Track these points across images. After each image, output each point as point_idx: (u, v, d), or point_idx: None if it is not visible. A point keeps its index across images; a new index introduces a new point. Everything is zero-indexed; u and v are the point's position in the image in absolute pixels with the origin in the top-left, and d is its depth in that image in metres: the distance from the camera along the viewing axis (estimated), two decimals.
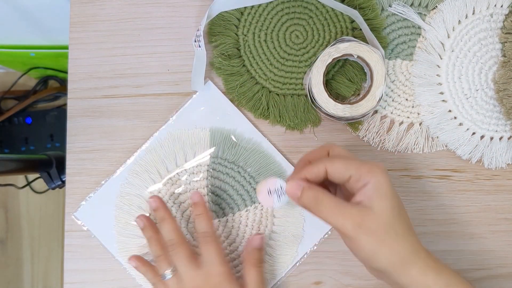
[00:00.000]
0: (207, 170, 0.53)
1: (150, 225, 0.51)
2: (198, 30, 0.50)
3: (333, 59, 0.49)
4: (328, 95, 0.50)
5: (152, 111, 0.54)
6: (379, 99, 0.49)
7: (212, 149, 0.53)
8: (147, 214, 0.52)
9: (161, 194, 0.53)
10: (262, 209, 0.53)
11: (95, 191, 0.53)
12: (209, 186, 0.53)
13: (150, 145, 0.53)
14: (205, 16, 0.50)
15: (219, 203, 0.53)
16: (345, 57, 0.50)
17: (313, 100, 0.51)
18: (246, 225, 0.53)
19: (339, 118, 0.50)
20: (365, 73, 0.52)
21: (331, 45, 0.49)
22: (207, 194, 0.53)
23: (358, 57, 0.49)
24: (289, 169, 0.53)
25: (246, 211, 0.53)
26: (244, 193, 0.53)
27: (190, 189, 0.53)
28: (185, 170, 0.53)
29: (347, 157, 0.43)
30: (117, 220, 0.53)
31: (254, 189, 0.53)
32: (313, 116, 0.53)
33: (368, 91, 0.50)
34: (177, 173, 0.53)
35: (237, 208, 0.53)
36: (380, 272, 0.41)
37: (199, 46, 0.50)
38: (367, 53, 0.49)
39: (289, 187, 0.42)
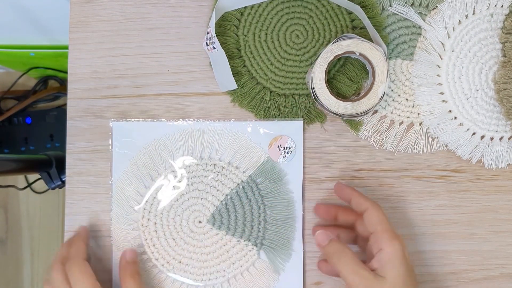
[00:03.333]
0: (238, 184, 0.52)
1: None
2: (208, 33, 0.50)
3: (335, 56, 0.49)
4: (330, 93, 0.49)
5: (152, 112, 0.54)
6: (381, 97, 0.49)
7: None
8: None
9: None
10: (247, 248, 0.52)
11: None
12: (228, 197, 0.53)
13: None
14: (212, 17, 0.50)
15: (221, 215, 0.53)
16: (347, 55, 0.50)
17: (315, 97, 0.51)
18: (227, 251, 0.53)
19: (341, 115, 0.50)
20: (365, 72, 0.52)
21: (333, 42, 0.49)
22: (221, 202, 0.53)
23: (360, 54, 0.49)
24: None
25: (237, 241, 0.52)
26: (248, 227, 0.52)
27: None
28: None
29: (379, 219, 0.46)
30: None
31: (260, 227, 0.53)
32: (313, 117, 0.53)
33: (370, 89, 0.50)
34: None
35: (232, 232, 0.52)
36: None
37: (214, 48, 0.49)
38: (369, 50, 0.49)
39: (319, 236, 0.47)
